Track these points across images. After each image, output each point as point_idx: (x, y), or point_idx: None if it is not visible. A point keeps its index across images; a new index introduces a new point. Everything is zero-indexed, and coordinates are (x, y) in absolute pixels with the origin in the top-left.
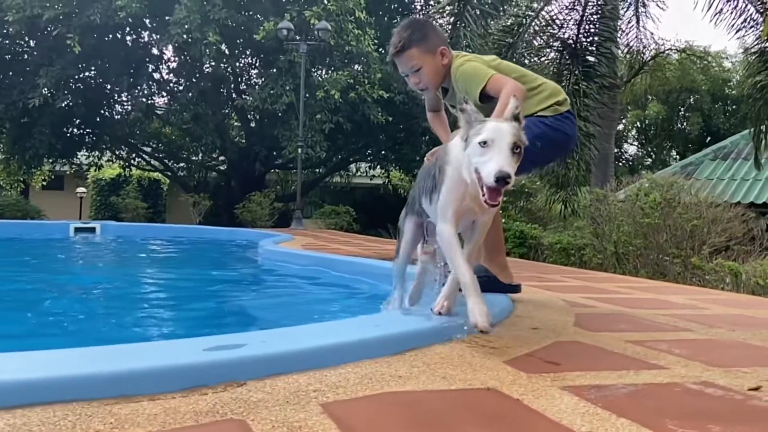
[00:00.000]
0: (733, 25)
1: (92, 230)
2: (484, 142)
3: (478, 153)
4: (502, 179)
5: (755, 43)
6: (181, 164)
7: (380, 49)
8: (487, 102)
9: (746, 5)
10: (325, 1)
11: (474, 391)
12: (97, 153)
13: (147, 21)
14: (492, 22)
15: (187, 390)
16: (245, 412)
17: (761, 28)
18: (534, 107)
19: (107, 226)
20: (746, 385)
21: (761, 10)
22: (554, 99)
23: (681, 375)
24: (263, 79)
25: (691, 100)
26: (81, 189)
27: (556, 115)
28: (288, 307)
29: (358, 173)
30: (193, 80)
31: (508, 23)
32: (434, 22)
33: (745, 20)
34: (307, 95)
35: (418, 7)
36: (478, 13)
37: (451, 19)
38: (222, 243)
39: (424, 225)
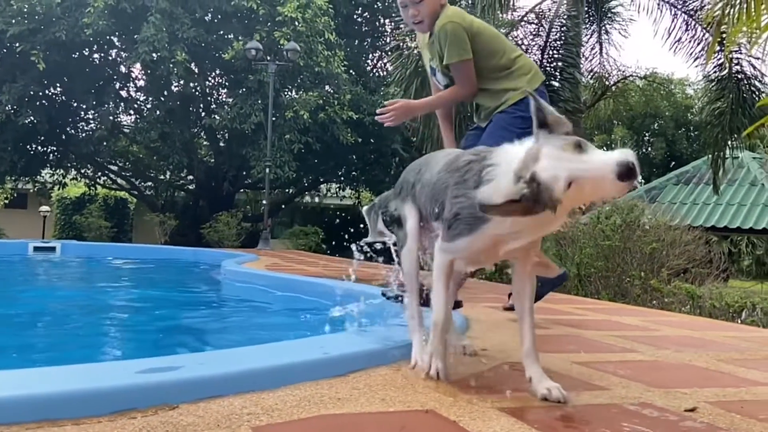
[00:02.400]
0: (691, 54)
1: (52, 249)
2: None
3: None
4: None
5: (713, 70)
6: (149, 183)
7: (350, 71)
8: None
9: (704, 34)
10: (295, 23)
11: (412, 413)
12: (61, 171)
13: (114, 39)
14: None
15: (115, 414)
16: None
17: (719, 56)
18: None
19: (68, 245)
20: (683, 406)
21: (719, 39)
22: (536, 81)
23: (621, 396)
24: (232, 98)
25: (655, 125)
26: (44, 207)
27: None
28: (243, 328)
29: (329, 194)
30: (161, 99)
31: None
32: (403, 45)
33: (703, 48)
34: (276, 115)
35: (388, 30)
36: None
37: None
38: (185, 263)
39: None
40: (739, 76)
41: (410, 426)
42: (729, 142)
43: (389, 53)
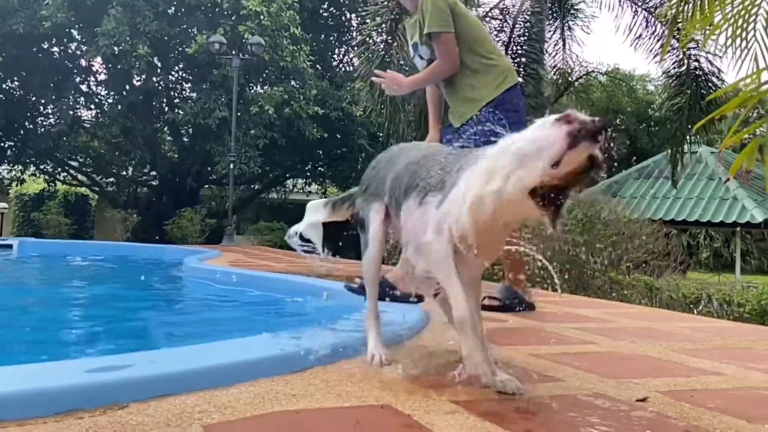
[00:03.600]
0: (651, 50)
1: (9, 247)
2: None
3: None
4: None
5: (672, 66)
6: (110, 179)
7: (316, 66)
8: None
9: (663, 30)
10: (260, 17)
11: (368, 408)
12: (19, 167)
13: (74, 32)
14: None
15: (62, 414)
16: None
17: (678, 53)
18: (485, 90)
19: (25, 243)
20: (635, 396)
21: (677, 36)
22: (506, 84)
23: (575, 387)
24: (196, 93)
25: (618, 121)
26: (2, 204)
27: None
28: (201, 325)
29: (295, 189)
30: (123, 93)
31: None
32: (369, 40)
33: (662, 45)
34: (241, 110)
35: (354, 25)
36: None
37: (385, 37)
38: (146, 260)
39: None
40: (697, 73)
41: (365, 421)
42: (687, 138)
43: (355, 48)
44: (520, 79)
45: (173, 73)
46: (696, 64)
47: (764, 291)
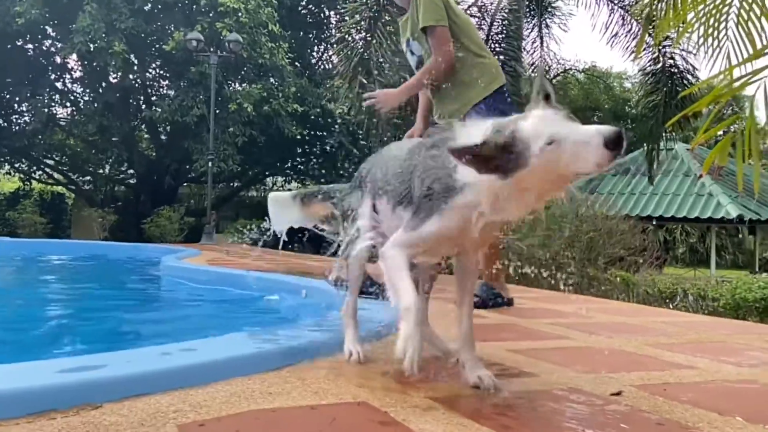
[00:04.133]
0: (627, 48)
1: None
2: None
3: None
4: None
5: (648, 64)
6: (87, 177)
7: (295, 63)
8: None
9: (639, 28)
10: (238, 14)
11: (344, 405)
12: None
13: (49, 28)
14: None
15: (34, 415)
16: None
17: (653, 51)
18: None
19: (0, 242)
20: (609, 391)
21: (651, 34)
22: (496, 84)
23: (551, 382)
24: (173, 90)
25: (595, 118)
26: None
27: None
28: (179, 325)
29: (274, 187)
30: (99, 91)
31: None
32: (348, 37)
33: (638, 43)
34: (219, 108)
35: (333, 22)
36: (389, 29)
37: (364, 35)
38: (124, 259)
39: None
40: (673, 70)
41: (341, 418)
42: (663, 134)
43: (334, 45)
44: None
45: (150, 70)
46: (671, 61)
47: (738, 285)
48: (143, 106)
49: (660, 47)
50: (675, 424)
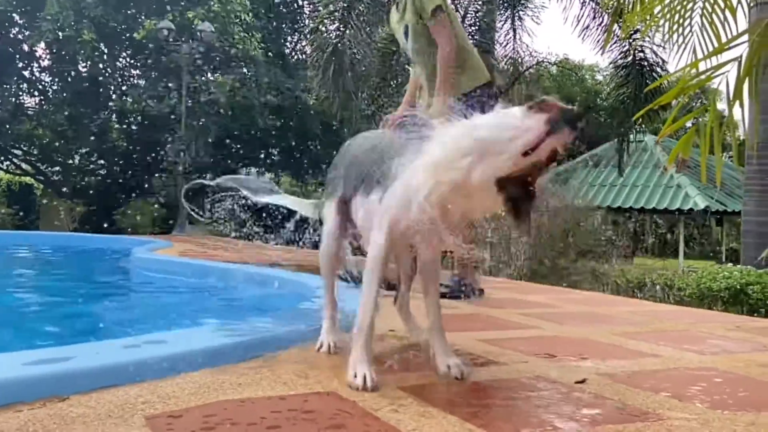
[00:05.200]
0: (598, 41)
1: None
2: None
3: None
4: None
5: (619, 57)
6: (56, 168)
7: (268, 53)
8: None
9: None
10: (210, 3)
11: (314, 395)
12: None
13: (16, 16)
14: (379, 30)
15: (0, 408)
16: (58, 428)
17: (624, 44)
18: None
19: None
20: (574, 378)
21: (617, 24)
22: (482, 79)
23: (519, 371)
24: (144, 80)
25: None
26: None
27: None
28: (149, 317)
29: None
30: (68, 80)
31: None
32: (322, 27)
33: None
34: (192, 98)
35: (307, 12)
36: (363, 20)
37: (338, 25)
38: (94, 251)
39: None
40: (642, 63)
41: (310, 408)
42: (633, 127)
43: (308, 36)
44: None
45: (120, 59)
46: (641, 54)
47: (703, 275)
48: (113, 96)
49: (630, 41)
50: (635, 409)
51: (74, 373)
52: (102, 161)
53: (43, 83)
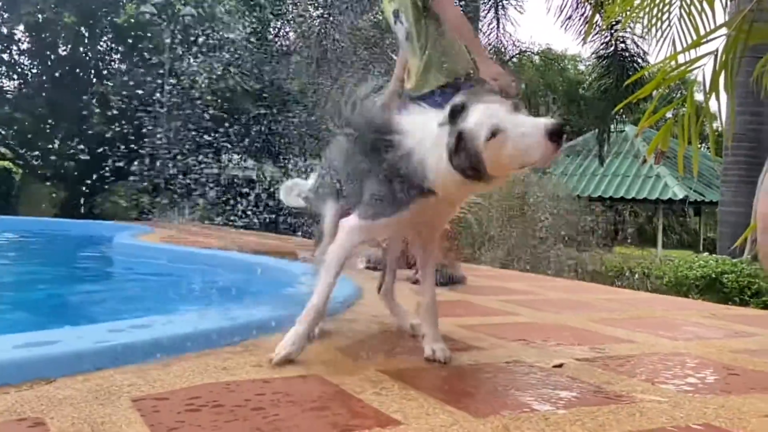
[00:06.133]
0: (581, 31)
1: None
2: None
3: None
4: (557, 129)
5: (601, 47)
6: (36, 153)
7: (252, 39)
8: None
9: (592, 12)
10: None
11: (298, 379)
12: None
13: None
14: (363, 17)
15: None
16: (46, 409)
17: (606, 35)
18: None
19: None
20: (552, 363)
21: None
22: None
23: (497, 355)
24: (126, 64)
25: (550, 100)
26: None
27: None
28: (134, 301)
29: (230, 164)
30: (48, 63)
31: (380, 18)
32: (306, 14)
33: (591, 27)
34: (173, 83)
35: None
36: (347, 7)
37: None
38: (75, 236)
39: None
40: (624, 54)
41: (294, 390)
42: (614, 117)
43: (292, 22)
44: None
45: (102, 43)
46: (623, 45)
47: (680, 264)
48: (94, 80)
49: (612, 32)
50: (610, 392)
51: (61, 356)
52: (82, 146)
53: (22, 66)
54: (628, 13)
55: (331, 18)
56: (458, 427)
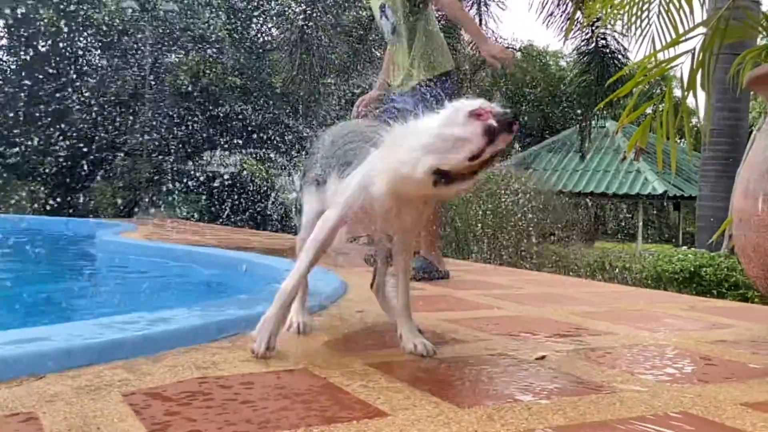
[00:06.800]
0: (562, 28)
1: None
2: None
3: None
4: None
5: (582, 44)
6: (15, 150)
7: (233, 35)
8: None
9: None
10: None
11: (286, 372)
12: None
13: None
14: (346, 13)
15: None
16: (38, 405)
17: (587, 31)
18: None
19: None
20: (534, 355)
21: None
22: (450, 65)
23: (481, 348)
24: (106, 60)
25: (532, 96)
26: None
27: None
28: (121, 298)
29: (212, 161)
30: (27, 60)
31: (362, 14)
32: (288, 10)
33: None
34: (155, 79)
35: None
36: (330, 2)
37: (304, 8)
38: (57, 234)
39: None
40: (605, 51)
41: (283, 384)
42: (595, 113)
43: (274, 18)
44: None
45: (81, 39)
46: (603, 42)
47: (660, 258)
48: (74, 77)
49: (593, 28)
50: (591, 383)
51: (51, 353)
52: (62, 143)
53: (0, 63)
54: (609, 10)
55: (314, 14)
56: (444, 417)
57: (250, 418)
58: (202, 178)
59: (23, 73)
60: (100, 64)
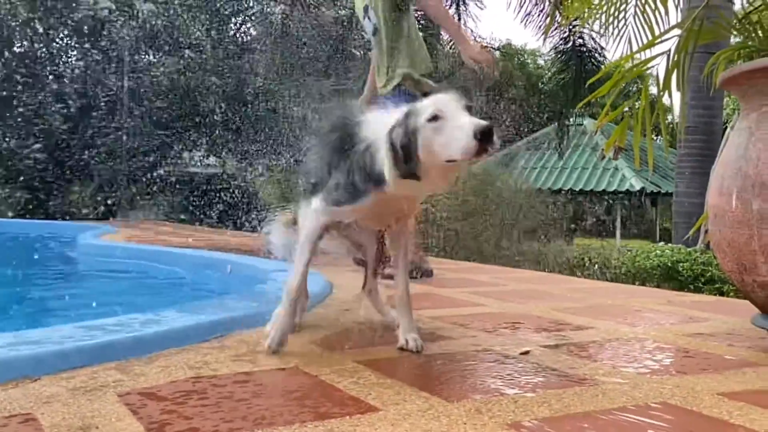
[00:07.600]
0: (540, 27)
1: None
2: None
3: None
4: (486, 130)
5: (560, 43)
6: None
7: (212, 35)
8: None
9: (552, 8)
10: None
11: (277, 371)
12: None
13: None
14: (326, 12)
15: None
16: (35, 406)
17: (564, 30)
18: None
19: None
20: (518, 350)
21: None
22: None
23: (466, 344)
24: (84, 61)
25: (510, 94)
26: None
27: None
28: (108, 300)
29: (192, 162)
30: (2, 61)
31: (342, 14)
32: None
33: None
34: (133, 80)
35: None
36: (309, 2)
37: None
38: (37, 237)
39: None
40: (582, 50)
41: (275, 382)
42: (573, 111)
43: (253, 17)
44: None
45: (58, 40)
46: (581, 41)
47: (638, 254)
48: (51, 78)
49: (570, 27)
50: (574, 376)
51: (44, 355)
52: (39, 145)
53: None
54: (587, 11)
55: (293, 13)
56: (433, 411)
57: (245, 415)
58: (182, 179)
59: None
60: (77, 65)
